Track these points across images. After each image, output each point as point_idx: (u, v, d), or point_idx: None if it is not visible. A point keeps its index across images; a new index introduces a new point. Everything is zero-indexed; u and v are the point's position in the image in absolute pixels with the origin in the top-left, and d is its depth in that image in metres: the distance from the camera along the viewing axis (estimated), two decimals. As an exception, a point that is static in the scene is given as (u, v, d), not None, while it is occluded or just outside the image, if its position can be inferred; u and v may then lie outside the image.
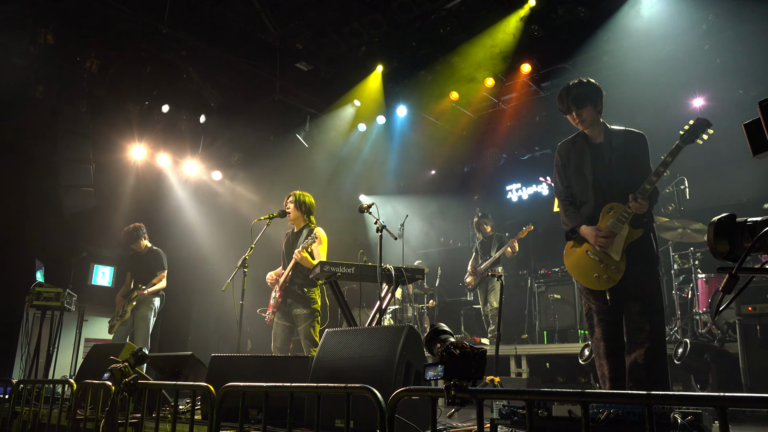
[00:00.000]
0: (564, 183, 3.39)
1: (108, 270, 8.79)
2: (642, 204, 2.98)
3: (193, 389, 2.66)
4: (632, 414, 2.03)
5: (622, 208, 3.07)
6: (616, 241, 3.06)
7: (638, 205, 2.99)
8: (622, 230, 3.06)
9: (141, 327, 6.17)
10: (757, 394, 1.20)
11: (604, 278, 3.08)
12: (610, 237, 3.07)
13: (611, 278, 3.06)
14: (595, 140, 3.28)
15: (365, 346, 3.10)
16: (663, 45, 6.80)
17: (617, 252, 3.05)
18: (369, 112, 8.93)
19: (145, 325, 6.17)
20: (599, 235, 3.09)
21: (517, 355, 6.68)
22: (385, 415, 1.84)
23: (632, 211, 3.01)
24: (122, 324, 6.19)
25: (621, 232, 3.07)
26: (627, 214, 3.04)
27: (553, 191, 9.42)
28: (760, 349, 4.26)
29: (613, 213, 3.11)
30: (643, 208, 3.00)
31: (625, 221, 3.05)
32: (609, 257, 3.07)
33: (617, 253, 3.05)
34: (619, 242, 3.06)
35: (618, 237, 3.07)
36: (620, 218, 3.06)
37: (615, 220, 3.08)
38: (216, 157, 9.22)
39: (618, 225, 3.07)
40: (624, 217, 3.05)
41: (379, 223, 4.55)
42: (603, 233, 3.08)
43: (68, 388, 3.56)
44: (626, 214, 3.04)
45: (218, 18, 6.89)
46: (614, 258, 3.06)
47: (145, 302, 6.25)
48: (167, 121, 8.18)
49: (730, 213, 1.37)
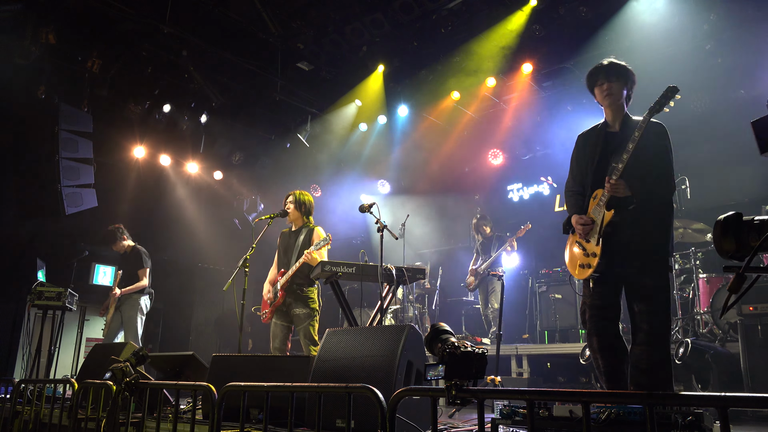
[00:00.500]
0: (574, 172, 3.29)
1: (109, 269, 8.80)
2: (615, 184, 2.88)
3: (194, 389, 2.67)
4: (633, 414, 2.03)
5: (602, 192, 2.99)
6: (595, 226, 3.00)
7: (611, 185, 2.89)
8: (600, 214, 2.99)
9: (129, 328, 6.12)
10: (758, 394, 1.20)
11: (585, 265, 3.04)
12: (588, 224, 3.01)
13: (589, 263, 3.01)
14: (613, 129, 3.19)
15: (366, 345, 3.10)
16: (664, 45, 6.79)
17: (594, 237, 2.99)
18: (370, 111, 8.93)
19: (133, 325, 6.11)
20: (578, 222, 3.05)
21: (518, 354, 6.68)
22: (386, 414, 1.84)
23: (608, 193, 2.92)
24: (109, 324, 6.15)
25: (599, 217, 3.00)
26: (604, 198, 2.96)
27: (553, 191, 9.44)
28: (761, 349, 4.25)
29: (596, 199, 3.04)
30: (618, 189, 2.88)
31: (602, 204, 2.97)
32: (589, 244, 3.03)
33: (594, 239, 2.99)
34: (597, 227, 2.99)
35: (596, 222, 3.00)
36: (599, 202, 2.99)
37: (596, 206, 3.02)
38: (217, 157, 9.22)
39: (598, 210, 3.00)
40: (602, 201, 2.97)
41: (380, 223, 4.55)
42: (582, 220, 3.03)
43: (69, 387, 3.57)
44: (603, 197, 2.96)
45: (220, 18, 6.90)
46: (592, 243, 3.00)
47: (131, 303, 6.18)
48: (168, 120, 8.19)
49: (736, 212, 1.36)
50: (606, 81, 3.14)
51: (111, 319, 6.15)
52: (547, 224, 8.96)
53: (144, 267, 6.32)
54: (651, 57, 6.85)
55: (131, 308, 6.18)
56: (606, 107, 3.21)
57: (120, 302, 6.18)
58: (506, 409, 2.37)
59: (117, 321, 6.19)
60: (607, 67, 3.16)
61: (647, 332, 2.88)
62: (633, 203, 2.95)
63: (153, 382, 3.17)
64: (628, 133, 3.08)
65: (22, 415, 3.91)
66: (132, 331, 6.11)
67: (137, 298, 6.21)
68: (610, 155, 3.09)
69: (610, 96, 3.15)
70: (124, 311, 6.17)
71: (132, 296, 6.19)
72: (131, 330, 6.11)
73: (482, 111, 9.16)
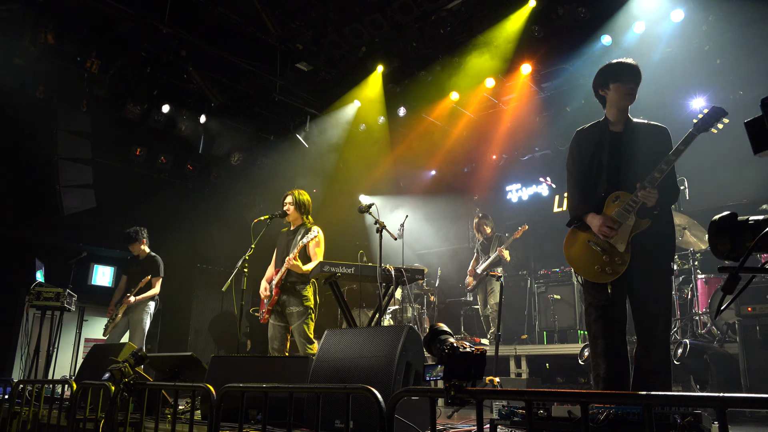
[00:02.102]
0: (577, 169, 3.21)
1: (108, 270, 8.80)
2: (650, 193, 2.84)
3: (192, 389, 2.67)
4: (632, 414, 2.03)
5: (628, 197, 2.93)
6: (622, 231, 2.92)
7: (646, 194, 2.84)
8: (628, 220, 2.92)
9: (137, 330, 6.12)
10: (756, 394, 1.20)
11: (608, 270, 2.93)
12: (615, 226, 2.93)
13: (615, 270, 2.91)
14: (617, 129, 3.14)
15: (365, 346, 3.10)
16: (663, 46, 6.81)
17: (623, 243, 2.90)
18: (369, 112, 8.93)
19: (141, 328, 6.13)
20: (605, 224, 2.94)
21: (516, 355, 6.68)
22: (385, 415, 1.84)
23: (639, 200, 2.88)
24: (114, 327, 6.15)
25: (627, 222, 2.93)
26: (634, 203, 2.90)
27: (552, 192, 9.45)
28: (759, 349, 4.26)
29: (619, 202, 2.97)
30: (651, 198, 2.85)
31: (631, 210, 2.91)
32: (613, 248, 2.93)
33: (622, 244, 2.90)
34: (625, 232, 2.91)
35: (624, 227, 2.92)
36: (626, 207, 2.92)
37: (621, 210, 2.94)
38: (216, 158, 9.22)
39: (624, 215, 2.93)
40: (630, 207, 2.91)
41: (379, 224, 4.56)
42: (609, 222, 2.94)
43: (68, 388, 3.56)
44: (633, 203, 2.90)
45: (219, 18, 6.89)
46: (619, 249, 2.91)
47: (141, 306, 6.19)
48: (167, 121, 8.19)
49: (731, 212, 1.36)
50: (633, 83, 3.07)
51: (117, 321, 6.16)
52: (546, 225, 8.98)
53: (159, 276, 6.32)
54: (650, 58, 6.86)
55: (142, 312, 6.18)
56: (619, 108, 3.13)
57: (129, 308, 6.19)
58: (505, 410, 2.37)
59: (122, 324, 6.19)
60: (635, 70, 3.07)
61: (652, 335, 2.87)
62: (656, 210, 2.93)
63: (151, 382, 3.17)
64: (633, 133, 3.08)
65: (20, 415, 3.90)
66: (140, 334, 6.12)
67: (147, 302, 6.23)
68: (622, 156, 3.06)
69: (631, 98, 3.09)
70: (131, 315, 6.18)
71: (141, 301, 6.20)
72: (139, 333, 6.12)
73: (481, 112, 9.16)
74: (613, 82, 3.09)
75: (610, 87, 3.11)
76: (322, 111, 9.04)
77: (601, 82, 3.16)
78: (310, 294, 4.87)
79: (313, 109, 8.99)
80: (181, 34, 6.91)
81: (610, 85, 3.11)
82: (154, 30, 6.72)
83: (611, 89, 3.11)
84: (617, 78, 3.09)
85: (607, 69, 3.14)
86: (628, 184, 2.98)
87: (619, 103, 3.11)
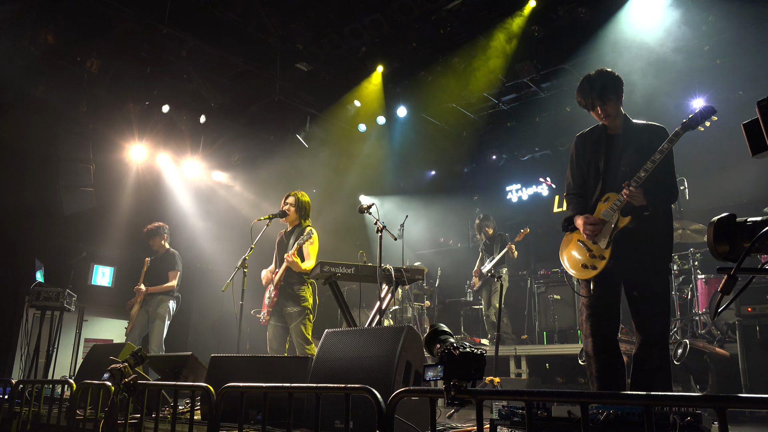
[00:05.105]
0: (575, 174, 3.27)
1: (108, 270, 8.79)
2: (634, 192, 2.88)
3: (192, 390, 2.66)
4: (631, 415, 2.03)
5: (616, 196, 3.00)
6: (605, 229, 2.99)
7: (630, 193, 2.89)
8: (613, 218, 2.99)
9: (156, 329, 6.10)
10: (756, 394, 1.20)
11: (589, 266, 3.02)
12: (598, 225, 3.00)
13: (594, 265, 2.99)
14: (615, 132, 3.18)
15: (365, 346, 3.10)
16: (663, 46, 6.81)
17: (605, 239, 2.98)
18: (369, 112, 8.92)
19: (161, 326, 6.12)
20: (587, 222, 3.03)
21: (516, 355, 6.68)
22: (385, 415, 1.84)
23: (624, 198, 2.93)
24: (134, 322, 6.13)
25: (611, 220, 2.99)
26: (619, 202, 2.96)
27: (552, 192, 9.46)
28: (759, 349, 4.26)
29: (609, 202, 3.04)
30: (636, 197, 2.90)
31: (616, 209, 2.98)
32: (596, 246, 3.02)
33: (604, 241, 2.98)
34: (607, 230, 2.98)
35: (607, 225, 2.99)
36: (612, 206, 2.99)
37: (608, 209, 3.01)
38: (216, 158, 9.22)
39: (609, 213, 3.00)
40: (616, 205, 2.98)
41: (379, 224, 4.56)
42: (591, 221, 3.02)
43: (68, 388, 3.56)
44: (618, 202, 2.97)
45: (219, 18, 6.89)
46: (601, 245, 2.99)
47: (159, 303, 6.18)
48: (167, 121, 8.18)
49: (730, 213, 1.36)
50: (600, 104, 3.09)
51: (136, 317, 6.14)
52: (545, 225, 8.98)
53: (175, 269, 6.35)
54: (649, 58, 6.86)
55: (159, 308, 6.17)
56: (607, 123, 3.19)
57: (147, 302, 6.18)
58: (505, 410, 2.37)
59: (143, 319, 6.18)
60: (597, 92, 3.07)
61: (651, 334, 2.89)
62: (648, 210, 2.96)
63: (151, 382, 3.17)
64: (630, 135, 3.11)
65: (20, 415, 3.90)
66: (159, 333, 6.10)
67: (167, 300, 6.22)
68: (617, 158, 3.10)
69: (608, 117, 3.13)
70: (151, 311, 6.18)
71: (160, 296, 6.19)
72: (158, 332, 6.10)
73: (481, 112, 9.17)
74: (588, 109, 3.18)
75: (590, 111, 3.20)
76: (322, 111, 9.04)
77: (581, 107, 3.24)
78: (307, 295, 4.87)
79: (313, 109, 8.99)
80: (181, 34, 6.92)
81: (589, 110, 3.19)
82: (154, 30, 6.72)
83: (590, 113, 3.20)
84: (587, 107, 3.17)
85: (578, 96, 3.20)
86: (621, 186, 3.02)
87: (604, 122, 3.20)
